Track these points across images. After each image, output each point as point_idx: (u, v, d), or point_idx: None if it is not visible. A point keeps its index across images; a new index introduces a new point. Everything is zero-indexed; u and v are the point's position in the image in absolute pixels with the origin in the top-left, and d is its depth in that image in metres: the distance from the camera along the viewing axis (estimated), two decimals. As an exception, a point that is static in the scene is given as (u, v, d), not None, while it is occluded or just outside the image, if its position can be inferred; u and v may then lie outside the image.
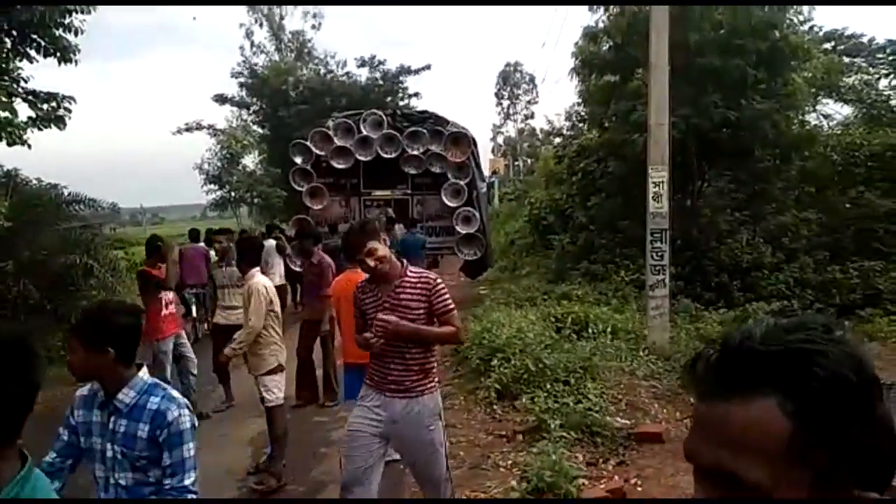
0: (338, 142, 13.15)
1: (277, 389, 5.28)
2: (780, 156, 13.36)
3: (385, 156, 13.11)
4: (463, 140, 13.36)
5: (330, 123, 13.63)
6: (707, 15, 12.07)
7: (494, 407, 6.66)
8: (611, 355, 7.61)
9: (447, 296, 3.65)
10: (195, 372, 7.17)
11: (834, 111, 16.16)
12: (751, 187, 13.41)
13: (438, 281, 3.67)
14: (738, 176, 13.41)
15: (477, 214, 13.23)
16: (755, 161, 13.20)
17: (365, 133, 13.12)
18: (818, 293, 11.38)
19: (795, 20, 12.34)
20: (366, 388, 3.78)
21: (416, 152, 13.13)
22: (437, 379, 3.81)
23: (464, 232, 13.14)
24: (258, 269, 5.54)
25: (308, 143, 13.26)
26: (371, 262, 3.55)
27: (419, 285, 3.59)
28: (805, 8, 12.22)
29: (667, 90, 8.58)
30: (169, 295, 7.01)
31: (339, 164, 13.23)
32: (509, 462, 5.36)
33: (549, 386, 6.48)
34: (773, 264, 11.97)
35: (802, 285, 11.60)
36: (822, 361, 0.78)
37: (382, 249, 3.58)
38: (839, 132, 14.82)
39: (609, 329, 8.68)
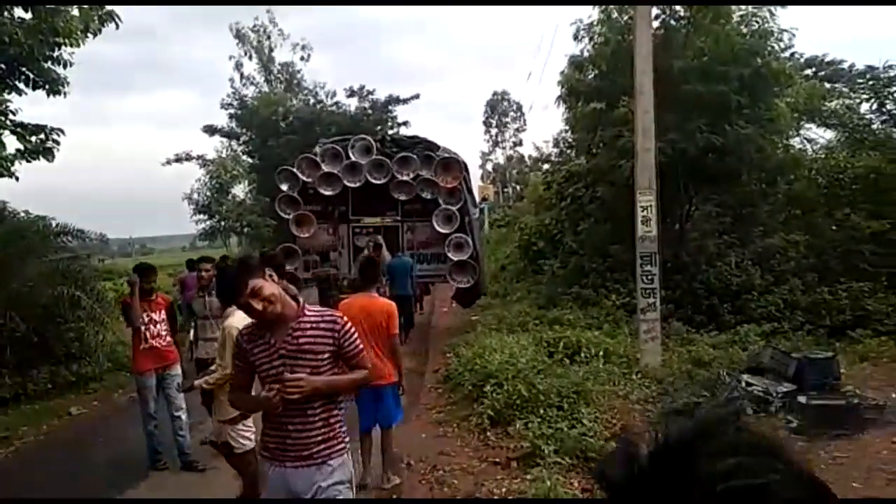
0: (325, 168, 12.74)
1: (250, 433, 4.72)
2: (766, 179, 13.50)
3: (374, 182, 12.70)
4: (454, 165, 13.06)
5: (317, 149, 13.33)
6: (690, 43, 12.30)
7: (488, 433, 6.60)
8: (604, 379, 7.60)
9: (356, 335, 3.22)
10: (182, 416, 6.43)
11: (817, 135, 16.36)
12: (738, 211, 13.53)
13: (345, 320, 3.19)
14: (725, 200, 13.53)
15: (469, 241, 12.77)
16: (741, 185, 13.33)
17: (353, 159, 12.76)
18: (808, 315, 11.41)
19: (777, 47, 12.56)
20: (263, 462, 3.29)
21: (406, 178, 12.73)
22: (346, 438, 3.27)
23: (456, 259, 12.69)
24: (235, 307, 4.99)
25: (294, 170, 12.90)
26: (258, 305, 2.98)
27: (322, 326, 3.10)
28: (786, 35, 12.45)
29: (652, 116, 8.70)
30: (155, 328, 6.40)
31: (326, 191, 12.83)
32: (504, 490, 5.30)
33: (542, 411, 6.45)
34: (763, 286, 12.02)
35: (792, 307, 11.63)
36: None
37: (270, 287, 3.03)
38: (823, 156, 15.00)
39: (601, 353, 8.68)
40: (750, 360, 8.57)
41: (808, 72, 17.41)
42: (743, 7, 12.61)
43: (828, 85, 17.51)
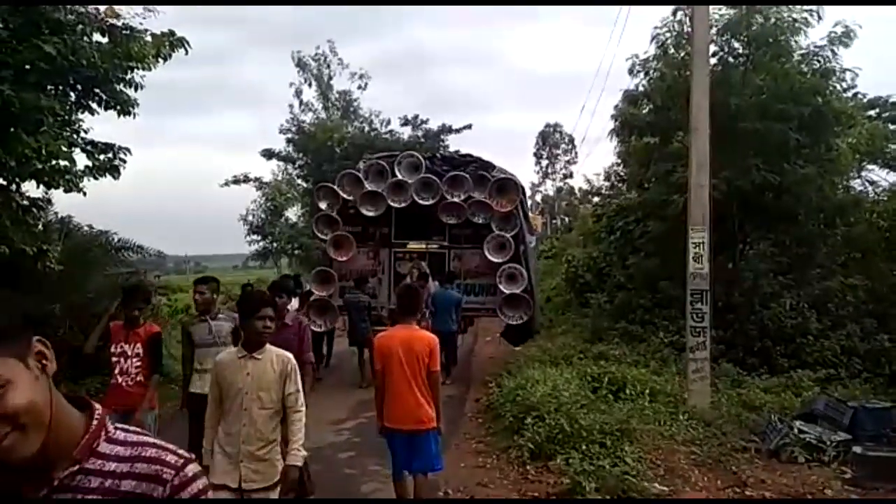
0: (368, 186, 11.43)
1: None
2: (825, 220, 13.14)
3: (421, 203, 11.33)
4: (510, 187, 11.64)
5: (361, 165, 12.10)
6: (748, 80, 12.15)
7: (527, 467, 6.52)
8: (649, 418, 7.44)
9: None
10: None
11: (879, 177, 15.88)
12: (794, 251, 13.16)
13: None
14: (782, 239, 13.18)
15: (524, 272, 11.30)
16: (799, 225, 12.99)
17: (399, 177, 11.45)
18: (866, 362, 10.98)
19: (839, 87, 12.31)
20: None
21: (456, 199, 11.34)
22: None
23: (508, 291, 11.23)
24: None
25: (334, 187, 11.66)
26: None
27: None
28: (848, 75, 12.18)
29: (707, 152, 8.60)
30: (126, 363, 5.26)
31: (368, 211, 11.49)
32: (542, 525, 5.21)
33: (584, 447, 6.35)
34: (819, 331, 11.62)
35: (849, 353, 11.20)
36: None
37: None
38: (885, 198, 14.54)
39: (647, 391, 8.51)
40: (803, 406, 8.28)
41: (872, 112, 16.93)
42: (804, 45, 12.43)
43: (892, 126, 17.01)
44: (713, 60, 11.50)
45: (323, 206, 11.87)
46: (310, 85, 29.86)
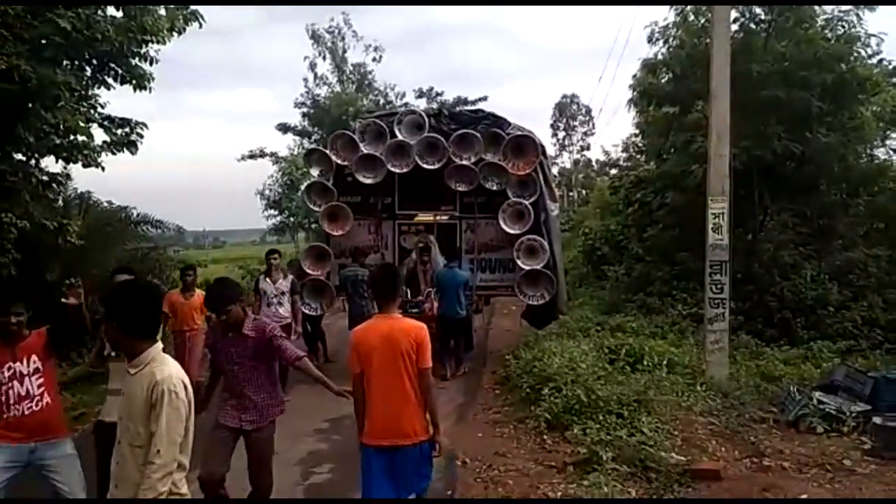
0: (364, 149, 9.92)
1: None
2: (848, 190, 12.94)
3: (426, 167, 9.88)
4: (528, 147, 10.04)
5: (356, 125, 10.55)
6: (769, 47, 11.89)
7: (544, 437, 6.55)
8: (666, 389, 7.42)
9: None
10: None
11: (905, 146, 15.56)
12: (816, 222, 12.98)
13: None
14: (803, 210, 13.00)
15: (545, 244, 9.88)
16: (821, 195, 12.80)
17: (400, 138, 9.91)
18: (887, 333, 10.88)
19: (863, 53, 12.01)
20: None
21: (465, 162, 9.83)
22: None
23: (527, 268, 9.85)
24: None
25: (327, 151, 10.21)
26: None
27: None
28: (873, 40, 11.87)
29: (728, 121, 8.45)
30: (21, 386, 4.01)
31: (366, 178, 10.04)
32: (559, 493, 5.25)
33: (601, 418, 6.36)
34: (840, 302, 11.51)
35: (871, 324, 11.10)
36: None
37: None
38: (911, 167, 14.26)
39: (665, 362, 8.49)
40: (823, 377, 8.23)
41: (897, 79, 16.54)
42: (828, 10, 12.13)
43: (919, 93, 16.61)
44: (734, 27, 11.25)
45: (315, 172, 10.58)
46: (324, 58, 29.72)
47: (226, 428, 4.34)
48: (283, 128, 28.79)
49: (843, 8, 11.88)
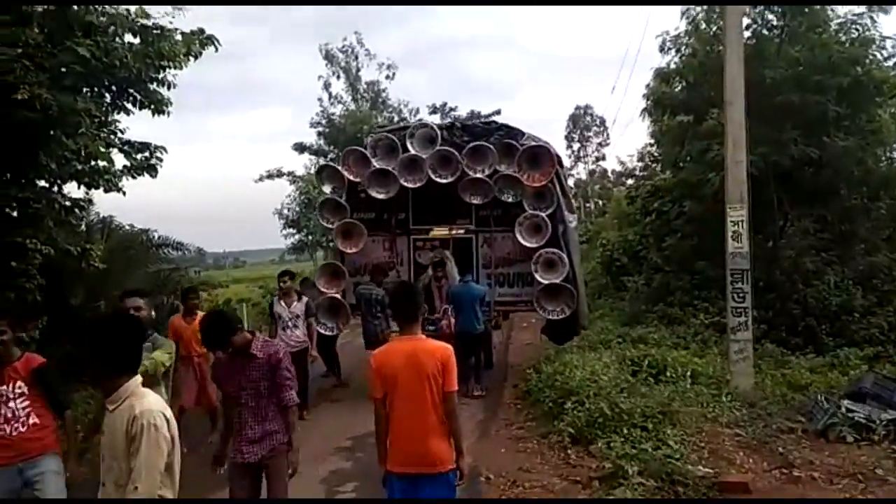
0: (376, 164, 9.82)
1: None
2: (868, 194, 12.79)
3: (439, 181, 9.73)
4: (544, 157, 9.78)
5: (368, 140, 10.35)
6: (783, 52, 11.83)
7: (568, 451, 6.48)
8: (691, 400, 7.33)
9: None
10: None
11: (926, 148, 15.38)
12: (837, 227, 12.83)
13: None
14: (823, 215, 12.86)
15: (564, 257, 9.62)
16: (841, 200, 12.66)
17: (413, 152, 9.79)
18: (916, 339, 10.70)
19: (879, 55, 11.92)
20: None
21: (479, 175, 9.67)
22: None
23: (546, 281, 9.56)
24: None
25: (338, 168, 10.16)
26: None
27: None
28: (888, 43, 11.78)
29: (743, 127, 8.41)
30: (5, 409, 4.04)
31: (379, 194, 9.89)
32: (585, 509, 5.19)
33: (625, 431, 6.29)
34: (865, 307, 11.34)
35: (898, 330, 10.93)
36: None
37: None
38: (933, 169, 14.08)
39: (689, 373, 8.39)
40: (851, 384, 8.09)
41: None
42: (841, 14, 12.06)
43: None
44: (746, 34, 11.22)
45: (327, 189, 10.51)
46: (338, 77, 30.04)
47: (240, 468, 4.10)
48: (300, 147, 29.15)
49: (857, 11, 11.82)
